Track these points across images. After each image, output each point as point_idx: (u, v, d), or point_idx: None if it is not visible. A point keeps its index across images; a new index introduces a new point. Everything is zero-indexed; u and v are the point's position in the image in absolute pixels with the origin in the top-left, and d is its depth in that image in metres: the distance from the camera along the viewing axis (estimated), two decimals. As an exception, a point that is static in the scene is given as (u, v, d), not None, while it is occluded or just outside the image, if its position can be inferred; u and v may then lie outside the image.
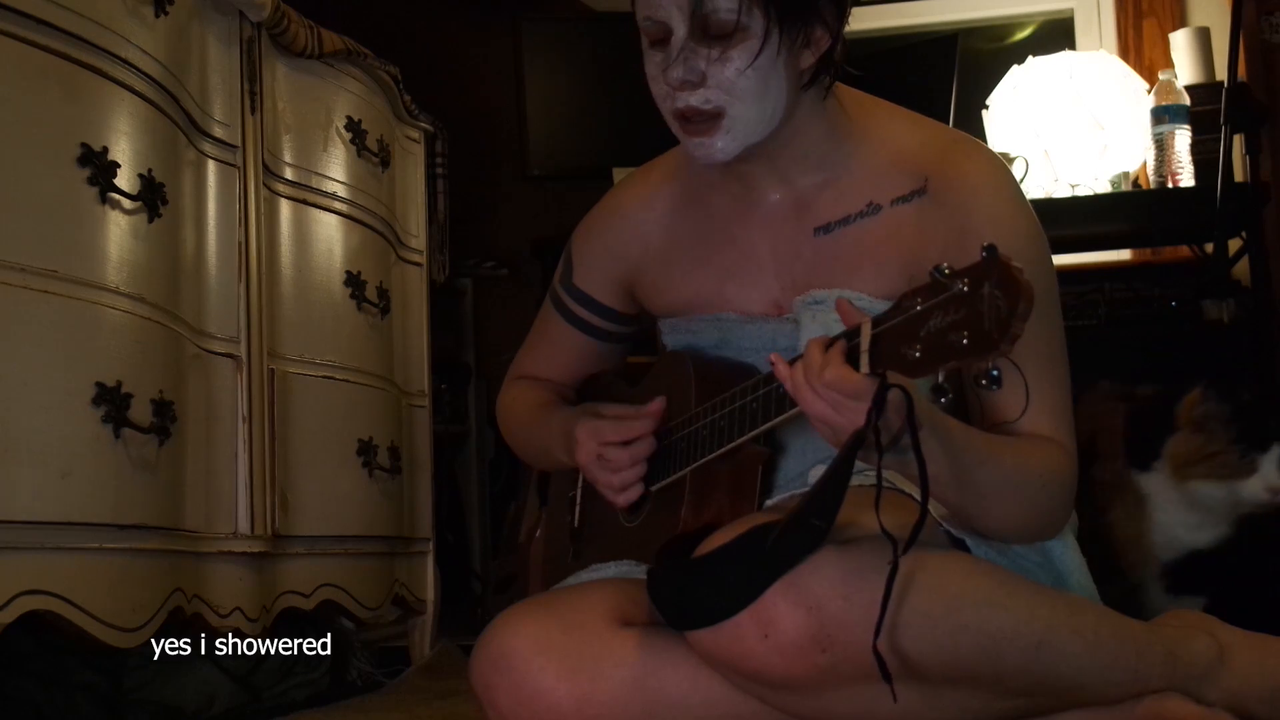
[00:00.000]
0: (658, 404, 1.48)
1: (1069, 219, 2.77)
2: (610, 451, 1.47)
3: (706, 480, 1.44)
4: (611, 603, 1.41)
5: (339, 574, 2.21)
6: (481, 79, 3.70)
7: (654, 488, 1.49)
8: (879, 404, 1.14)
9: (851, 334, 1.18)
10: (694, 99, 1.39)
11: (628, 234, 1.62)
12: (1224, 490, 1.91)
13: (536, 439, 1.66)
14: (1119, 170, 2.92)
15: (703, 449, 1.42)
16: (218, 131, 2.00)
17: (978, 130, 3.00)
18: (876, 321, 1.15)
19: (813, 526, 1.23)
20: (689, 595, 1.29)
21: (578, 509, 1.67)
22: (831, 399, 1.17)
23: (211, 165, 1.99)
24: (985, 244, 1.04)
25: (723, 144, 1.41)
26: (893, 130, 1.50)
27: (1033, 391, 1.27)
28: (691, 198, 1.59)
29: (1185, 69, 3.05)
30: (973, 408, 1.41)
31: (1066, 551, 1.45)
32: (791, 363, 1.22)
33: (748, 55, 1.37)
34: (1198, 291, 2.66)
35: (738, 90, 1.38)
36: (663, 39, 1.40)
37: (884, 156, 1.47)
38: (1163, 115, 2.83)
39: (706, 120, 1.40)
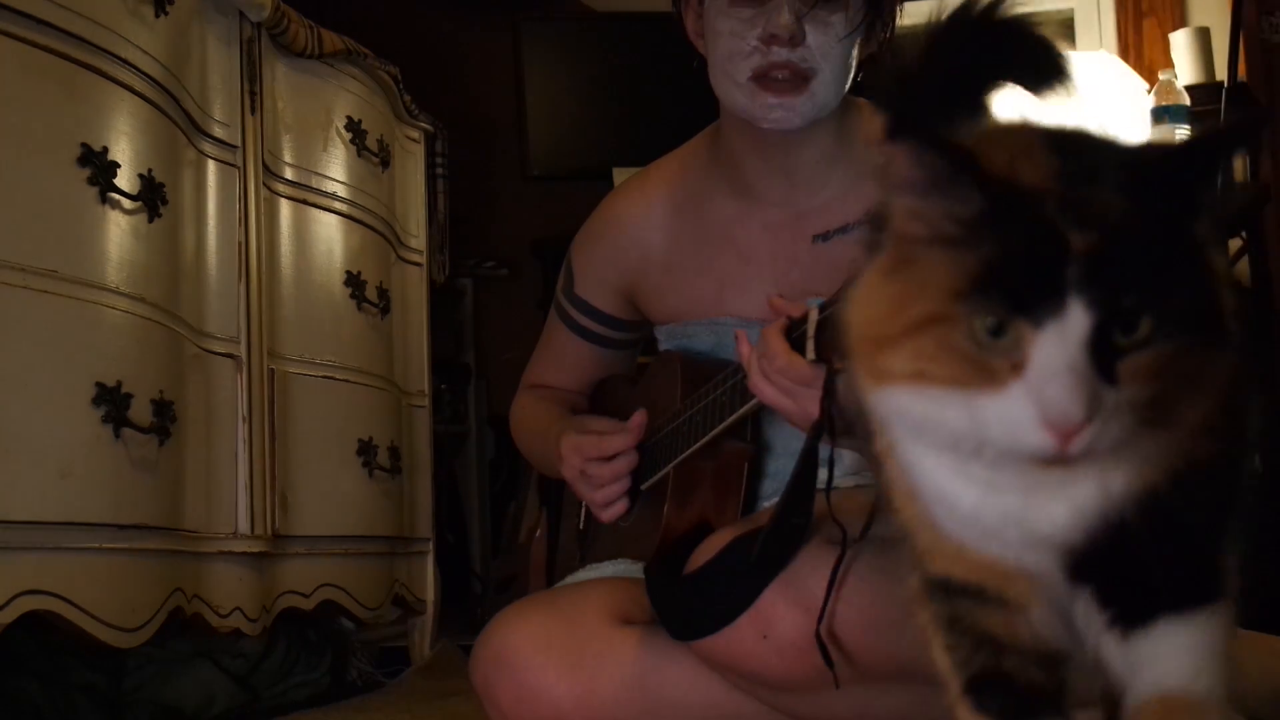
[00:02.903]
0: (639, 418, 1.48)
1: (1069, 219, 2.77)
2: (592, 467, 1.48)
3: (689, 477, 1.44)
4: (611, 601, 1.42)
5: (339, 574, 2.20)
6: (481, 79, 3.70)
7: (642, 486, 1.50)
8: (829, 390, 1.14)
9: (800, 321, 1.19)
10: (793, 55, 1.38)
11: (626, 243, 1.62)
12: None
13: (541, 452, 1.66)
14: (1119, 170, 2.92)
15: (682, 444, 1.42)
16: (218, 131, 2.00)
17: (978, 130, 3.00)
18: (823, 306, 1.15)
19: (793, 525, 1.23)
20: (686, 609, 1.30)
21: (583, 511, 1.67)
22: (784, 386, 1.18)
23: (211, 165, 1.99)
24: None
25: (804, 109, 1.40)
26: None
27: None
28: (690, 203, 1.58)
29: (1185, 69, 3.05)
30: None
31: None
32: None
33: (846, 23, 1.38)
34: (1197, 291, 2.65)
35: (833, 56, 1.39)
36: None
37: None
38: (1163, 115, 2.82)
39: (794, 81, 1.39)
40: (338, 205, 2.30)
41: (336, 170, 2.30)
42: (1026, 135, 0.69)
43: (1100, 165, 0.66)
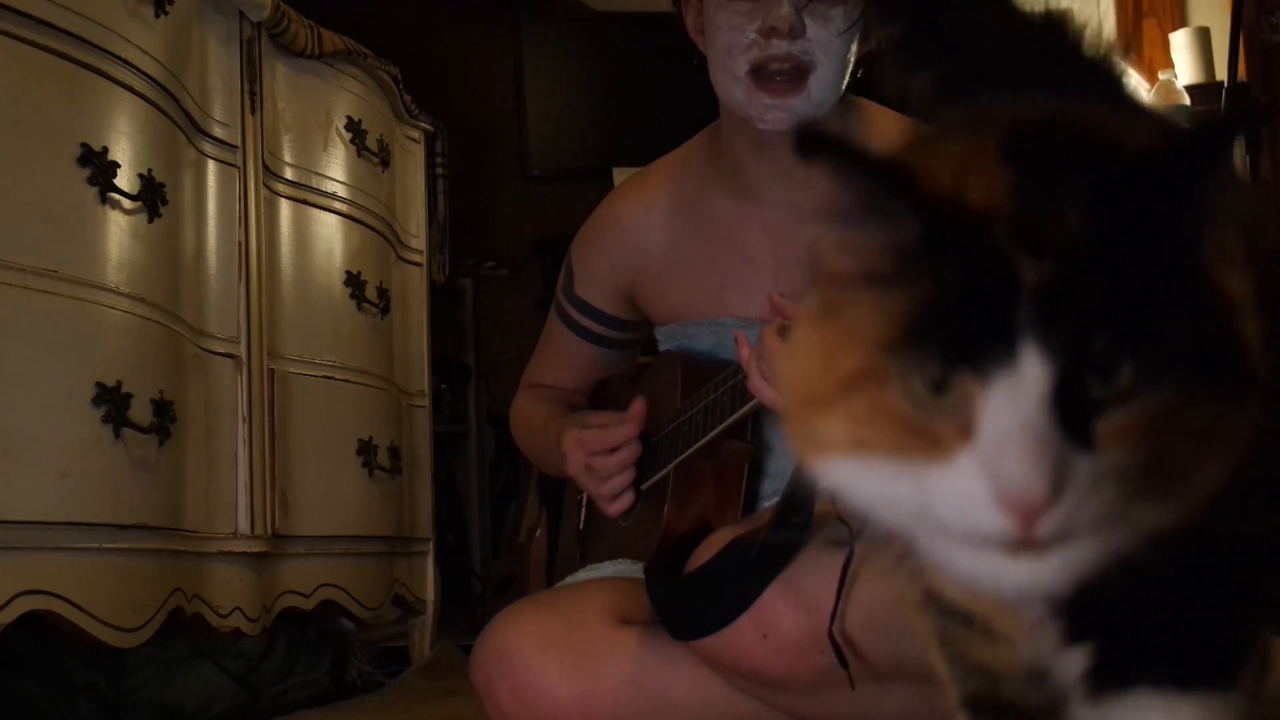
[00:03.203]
0: (638, 406, 1.47)
1: (1069, 219, 2.77)
2: (597, 461, 1.48)
3: (689, 478, 1.44)
4: (611, 601, 1.42)
5: (339, 574, 2.20)
6: (481, 79, 3.70)
7: (643, 487, 1.50)
8: None
9: None
10: (793, 48, 1.37)
11: (626, 244, 1.62)
12: None
13: (542, 450, 1.66)
14: (1119, 170, 2.92)
15: (682, 445, 1.42)
16: (218, 131, 2.00)
17: (978, 130, 3.00)
18: None
19: (793, 525, 1.23)
20: (686, 609, 1.29)
21: (583, 511, 1.67)
22: None
23: (211, 165, 1.99)
24: None
25: (800, 110, 1.38)
26: (892, 135, 1.50)
27: None
28: (690, 202, 1.58)
29: (1185, 69, 3.05)
30: None
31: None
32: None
33: (845, 17, 1.37)
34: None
35: (832, 50, 1.38)
36: None
37: None
38: (1162, 115, 2.83)
39: (793, 78, 1.38)
40: (338, 205, 2.30)
41: (336, 170, 2.30)
42: (979, 139, 0.55)
43: (1065, 172, 0.52)
